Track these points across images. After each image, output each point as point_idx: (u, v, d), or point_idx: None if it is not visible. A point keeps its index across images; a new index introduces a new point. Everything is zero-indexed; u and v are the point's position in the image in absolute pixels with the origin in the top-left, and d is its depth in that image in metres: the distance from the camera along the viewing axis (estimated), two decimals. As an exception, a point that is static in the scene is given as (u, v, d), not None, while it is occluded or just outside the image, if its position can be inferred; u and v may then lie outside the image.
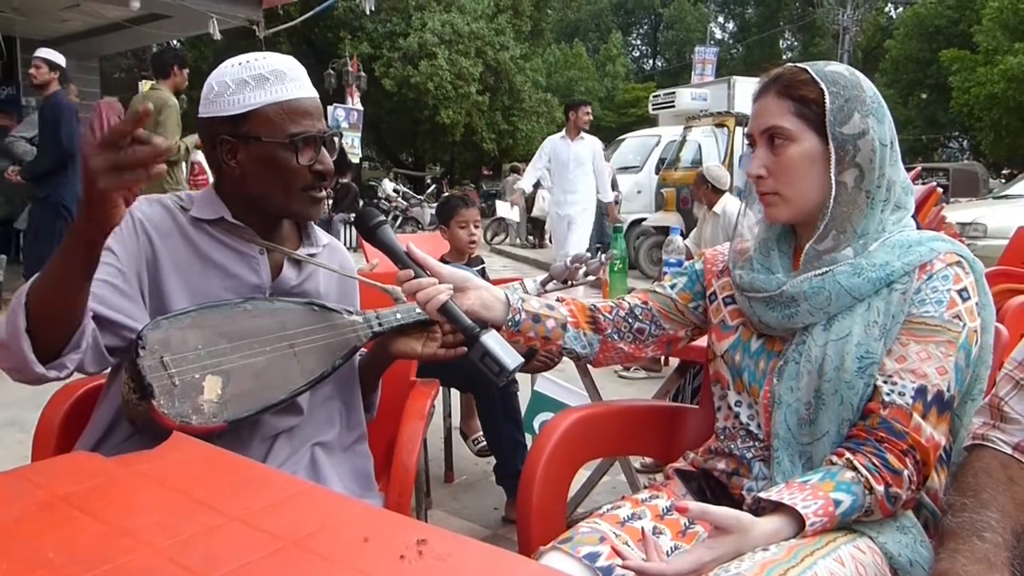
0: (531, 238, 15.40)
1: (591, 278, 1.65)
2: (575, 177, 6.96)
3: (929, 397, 1.19)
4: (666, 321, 1.52)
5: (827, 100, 1.26)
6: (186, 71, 5.66)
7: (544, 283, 1.63)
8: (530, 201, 13.37)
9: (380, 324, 1.50)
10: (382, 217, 1.43)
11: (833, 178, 1.27)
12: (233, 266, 1.45)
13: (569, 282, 1.65)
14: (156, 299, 1.39)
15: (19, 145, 7.18)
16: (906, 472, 1.17)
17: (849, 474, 1.18)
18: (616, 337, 1.51)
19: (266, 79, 1.39)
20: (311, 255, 1.55)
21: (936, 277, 1.25)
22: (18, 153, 7.06)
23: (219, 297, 1.41)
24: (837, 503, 1.16)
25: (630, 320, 1.52)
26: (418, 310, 1.49)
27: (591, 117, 7.06)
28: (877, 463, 1.18)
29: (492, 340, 1.34)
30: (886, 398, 1.21)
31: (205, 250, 1.44)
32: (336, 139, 1.50)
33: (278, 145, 1.39)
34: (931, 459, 1.19)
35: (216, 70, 1.44)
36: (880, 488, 1.17)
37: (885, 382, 1.22)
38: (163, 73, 5.56)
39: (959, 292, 1.24)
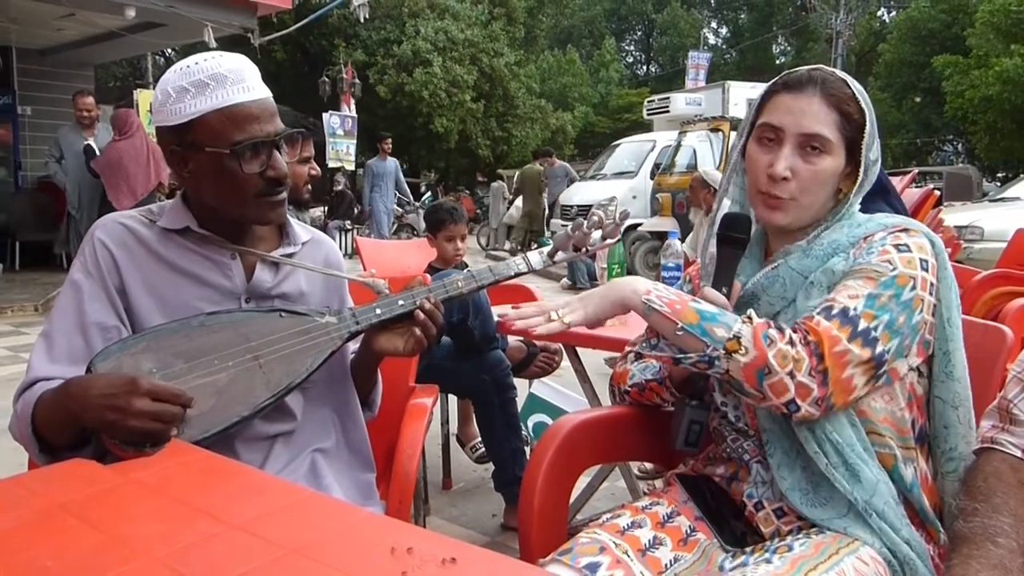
0: (509, 244, 15.49)
1: (610, 241, 1.59)
2: None
3: (833, 312, 1.19)
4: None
5: (867, 123, 1.29)
6: None
7: (551, 254, 1.57)
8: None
9: (358, 323, 1.41)
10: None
11: (851, 198, 1.31)
12: (206, 273, 1.42)
13: (584, 248, 1.58)
14: (132, 320, 1.39)
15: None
16: (790, 334, 1.18)
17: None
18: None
19: (206, 84, 1.33)
20: (289, 255, 1.51)
21: (875, 241, 1.27)
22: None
23: (194, 307, 1.38)
24: (696, 301, 1.25)
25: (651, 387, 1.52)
26: (401, 302, 1.43)
27: None
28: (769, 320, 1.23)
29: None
30: None
31: (175, 261, 1.41)
32: (299, 136, 1.47)
33: (222, 155, 1.34)
34: (825, 348, 1.16)
35: (163, 76, 1.40)
36: (759, 321, 1.20)
37: None
38: None
39: (895, 246, 1.25)
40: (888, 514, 1.20)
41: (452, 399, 3.35)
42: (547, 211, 13.92)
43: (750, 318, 1.20)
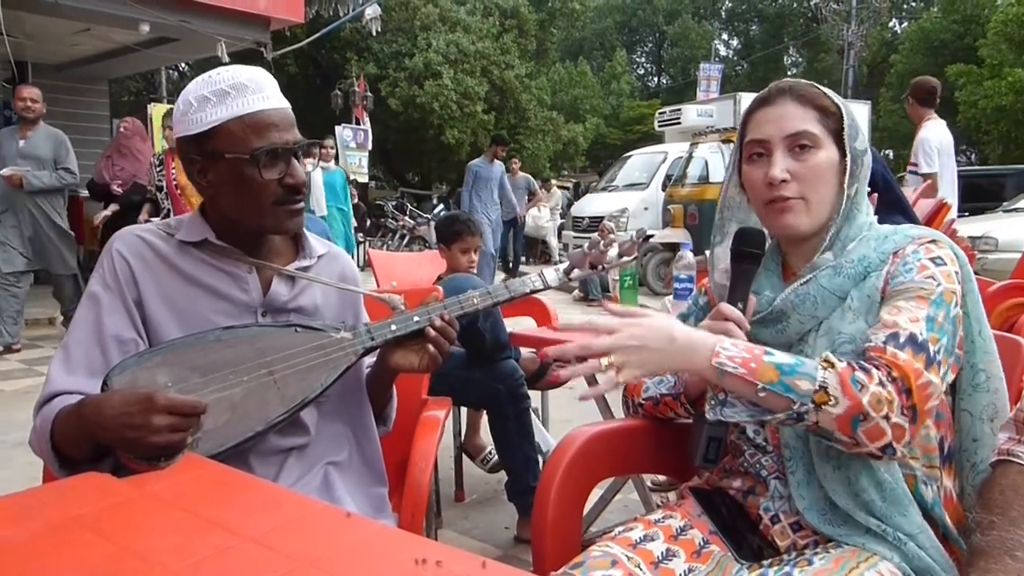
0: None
1: (626, 259, 1.58)
2: None
3: (901, 339, 1.16)
4: None
5: (844, 114, 1.32)
6: None
7: (567, 271, 1.56)
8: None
9: (373, 339, 1.41)
10: None
11: (846, 190, 1.31)
12: (222, 286, 1.43)
13: (600, 267, 1.57)
14: (149, 332, 1.39)
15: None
16: (877, 374, 1.12)
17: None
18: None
19: (227, 93, 1.36)
20: (305, 268, 1.52)
21: (908, 255, 1.26)
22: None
23: (210, 320, 1.39)
24: (768, 353, 1.17)
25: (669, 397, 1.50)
26: (416, 318, 1.43)
27: None
28: (850, 360, 1.16)
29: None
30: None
31: (192, 273, 1.42)
32: (317, 148, 1.48)
33: (242, 160, 1.36)
34: (912, 383, 1.12)
35: (185, 88, 1.42)
36: (842, 366, 1.13)
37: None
38: None
39: (931, 259, 1.24)
40: (919, 536, 1.19)
41: (463, 410, 3.34)
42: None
43: (830, 363, 1.14)
